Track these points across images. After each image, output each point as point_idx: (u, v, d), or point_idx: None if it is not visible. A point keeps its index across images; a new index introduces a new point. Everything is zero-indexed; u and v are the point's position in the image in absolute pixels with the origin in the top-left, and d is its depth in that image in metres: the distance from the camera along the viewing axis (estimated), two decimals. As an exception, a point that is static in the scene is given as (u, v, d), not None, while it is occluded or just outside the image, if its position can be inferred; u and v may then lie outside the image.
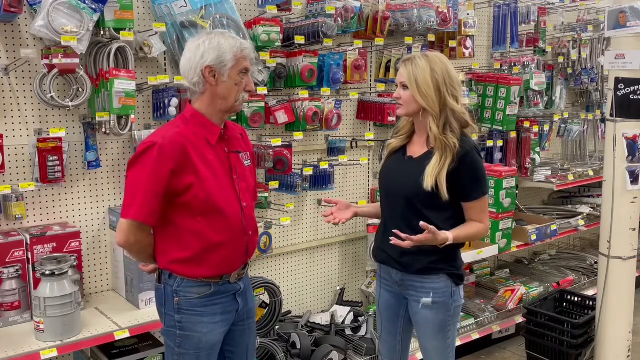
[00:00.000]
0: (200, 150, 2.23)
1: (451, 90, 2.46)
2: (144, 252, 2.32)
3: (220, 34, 2.27)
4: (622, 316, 3.81)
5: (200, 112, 2.28)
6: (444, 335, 2.60)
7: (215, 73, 2.22)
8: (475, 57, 4.50)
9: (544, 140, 4.92)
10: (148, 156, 2.15)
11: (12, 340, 2.57)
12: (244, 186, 2.37)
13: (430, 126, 2.45)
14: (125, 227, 2.20)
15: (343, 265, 4.13)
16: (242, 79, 2.27)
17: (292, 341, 3.44)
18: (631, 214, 3.72)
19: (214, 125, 2.29)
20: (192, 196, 2.20)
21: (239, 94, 2.28)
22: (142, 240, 2.25)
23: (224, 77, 2.23)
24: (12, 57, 2.78)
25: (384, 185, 2.67)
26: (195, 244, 2.25)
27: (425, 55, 2.48)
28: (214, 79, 2.22)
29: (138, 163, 2.18)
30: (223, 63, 2.21)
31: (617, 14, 3.57)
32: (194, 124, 2.27)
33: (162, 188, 2.16)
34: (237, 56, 2.23)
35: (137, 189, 2.17)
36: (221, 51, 2.21)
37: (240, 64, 2.25)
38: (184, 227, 2.24)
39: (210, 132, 2.28)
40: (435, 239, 2.41)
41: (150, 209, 2.17)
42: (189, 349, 2.30)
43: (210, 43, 2.21)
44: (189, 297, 2.28)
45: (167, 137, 2.18)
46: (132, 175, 2.21)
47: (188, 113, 2.30)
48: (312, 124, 3.54)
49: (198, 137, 2.25)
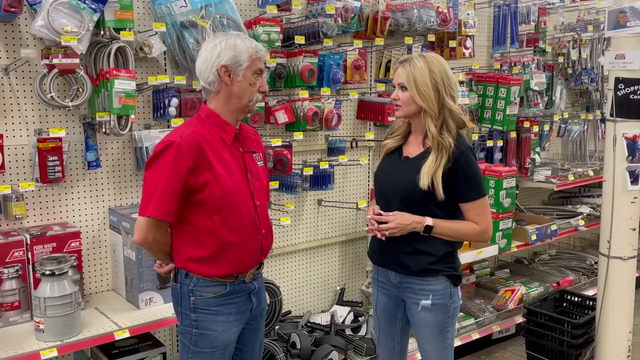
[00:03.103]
0: (216, 149, 2.27)
1: (449, 90, 2.46)
2: (162, 250, 2.34)
3: (236, 35, 2.33)
4: (622, 316, 3.81)
5: (216, 112, 2.33)
6: (443, 337, 2.60)
7: (231, 72, 2.27)
8: (475, 57, 4.50)
9: (544, 140, 4.92)
10: (166, 155, 2.20)
11: (12, 340, 2.57)
12: (258, 185, 2.41)
13: (429, 126, 2.46)
14: (144, 225, 2.24)
15: (343, 265, 4.13)
16: (256, 79, 2.32)
17: (292, 341, 3.44)
18: (631, 214, 3.72)
19: (229, 125, 2.34)
20: (208, 193, 2.24)
21: (254, 95, 2.33)
22: (159, 238, 2.29)
23: (239, 76, 2.28)
24: (12, 57, 2.78)
25: (379, 185, 2.67)
26: (211, 243, 2.28)
27: (422, 56, 2.49)
28: (229, 78, 2.28)
29: (156, 162, 2.22)
30: (238, 63, 2.26)
31: (617, 14, 3.57)
32: (210, 123, 2.31)
33: (180, 186, 2.20)
34: (252, 57, 2.29)
35: (155, 187, 2.20)
36: (237, 51, 2.26)
37: (255, 64, 2.30)
38: (200, 225, 2.27)
39: (225, 132, 2.32)
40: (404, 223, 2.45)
41: (168, 206, 2.20)
42: (204, 347, 2.34)
43: (226, 43, 2.27)
44: (205, 297, 2.31)
45: (184, 136, 2.22)
46: (150, 174, 2.24)
47: (204, 113, 2.35)
48: (312, 124, 3.54)
49: (214, 136, 2.29)
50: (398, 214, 2.49)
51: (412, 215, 2.48)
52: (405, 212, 2.49)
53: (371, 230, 2.56)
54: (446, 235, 2.51)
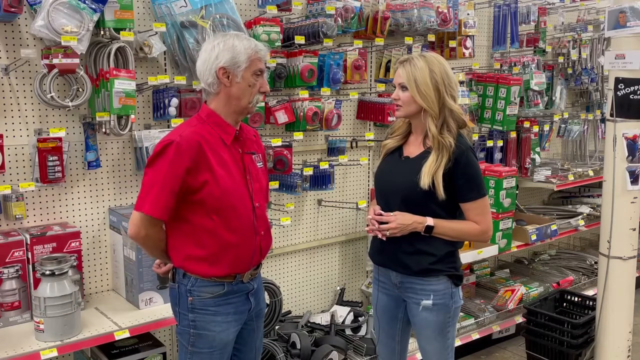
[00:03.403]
0: (215, 149, 2.27)
1: (449, 90, 2.46)
2: (157, 247, 2.34)
3: (235, 35, 2.31)
4: (622, 316, 3.81)
5: (216, 113, 2.32)
6: (444, 337, 2.60)
7: (229, 74, 2.26)
8: (475, 57, 4.50)
9: (544, 140, 4.92)
10: (166, 154, 2.20)
11: (12, 340, 2.57)
12: (257, 187, 2.40)
13: (429, 126, 2.46)
14: (137, 220, 2.24)
15: (343, 265, 4.13)
16: (256, 80, 2.30)
17: (292, 341, 3.44)
18: (631, 214, 3.72)
19: (229, 126, 2.33)
20: (207, 193, 2.23)
21: (253, 96, 2.32)
22: (153, 235, 2.29)
23: (238, 78, 2.26)
24: (12, 57, 2.78)
25: (380, 185, 2.67)
26: (211, 243, 2.28)
27: (422, 56, 2.49)
28: (228, 80, 2.26)
29: (156, 161, 2.22)
30: (237, 64, 2.25)
31: (617, 14, 3.57)
32: (210, 123, 2.31)
33: (177, 186, 2.20)
34: (251, 58, 2.27)
35: (153, 184, 2.21)
36: (235, 52, 2.24)
37: (255, 65, 2.28)
38: (199, 225, 2.27)
39: (225, 132, 2.31)
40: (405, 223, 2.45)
41: (163, 204, 2.20)
42: (202, 348, 2.33)
43: (224, 44, 2.26)
44: (203, 297, 2.31)
45: (184, 135, 2.22)
46: (149, 172, 2.25)
47: (204, 113, 2.34)
48: (312, 124, 3.54)
49: (214, 137, 2.28)
50: (399, 214, 2.49)
51: (413, 215, 2.48)
52: (406, 212, 2.49)
53: (372, 231, 2.56)
54: (447, 235, 2.51)
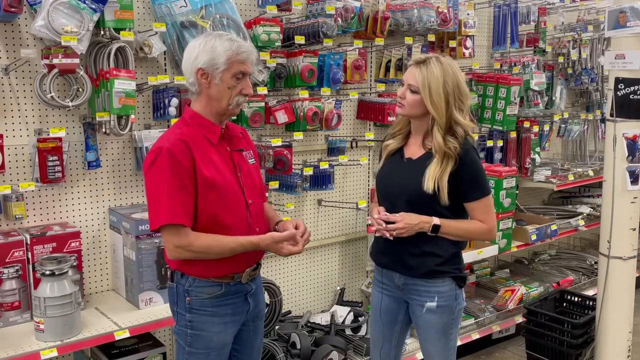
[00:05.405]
0: (203, 150, 2.23)
1: (459, 104, 2.44)
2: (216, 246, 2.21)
3: (217, 36, 2.24)
4: (622, 316, 3.81)
5: (199, 114, 2.29)
6: (447, 338, 2.59)
7: (208, 75, 2.21)
8: (475, 57, 4.50)
9: (544, 140, 4.92)
10: (160, 161, 2.16)
11: (12, 340, 2.57)
12: (249, 183, 2.36)
13: (435, 135, 2.44)
14: (165, 240, 2.20)
15: (343, 265, 4.13)
16: (236, 83, 2.24)
17: (292, 341, 3.44)
18: (631, 214, 3.72)
19: (214, 125, 2.29)
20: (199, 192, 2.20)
21: (233, 98, 2.25)
22: (193, 242, 2.18)
23: (216, 80, 2.21)
24: (12, 57, 2.78)
25: (383, 187, 2.64)
26: None
27: (439, 62, 2.44)
28: (206, 81, 2.22)
29: (152, 171, 2.18)
30: (215, 66, 2.20)
31: (617, 14, 3.57)
32: (194, 125, 2.28)
33: (189, 182, 2.15)
34: (231, 60, 2.20)
35: (159, 194, 2.16)
36: (214, 54, 2.19)
37: (235, 67, 2.22)
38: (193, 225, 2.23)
39: (210, 132, 2.28)
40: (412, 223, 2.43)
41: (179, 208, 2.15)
42: (199, 348, 2.31)
43: (205, 45, 2.21)
44: (200, 297, 2.29)
45: (171, 140, 2.19)
46: (150, 184, 2.20)
47: (187, 115, 2.31)
48: (312, 124, 3.54)
49: (200, 138, 2.25)
50: (405, 214, 2.47)
51: (419, 215, 2.46)
52: (412, 213, 2.47)
53: (378, 231, 2.51)
54: (453, 235, 2.50)
